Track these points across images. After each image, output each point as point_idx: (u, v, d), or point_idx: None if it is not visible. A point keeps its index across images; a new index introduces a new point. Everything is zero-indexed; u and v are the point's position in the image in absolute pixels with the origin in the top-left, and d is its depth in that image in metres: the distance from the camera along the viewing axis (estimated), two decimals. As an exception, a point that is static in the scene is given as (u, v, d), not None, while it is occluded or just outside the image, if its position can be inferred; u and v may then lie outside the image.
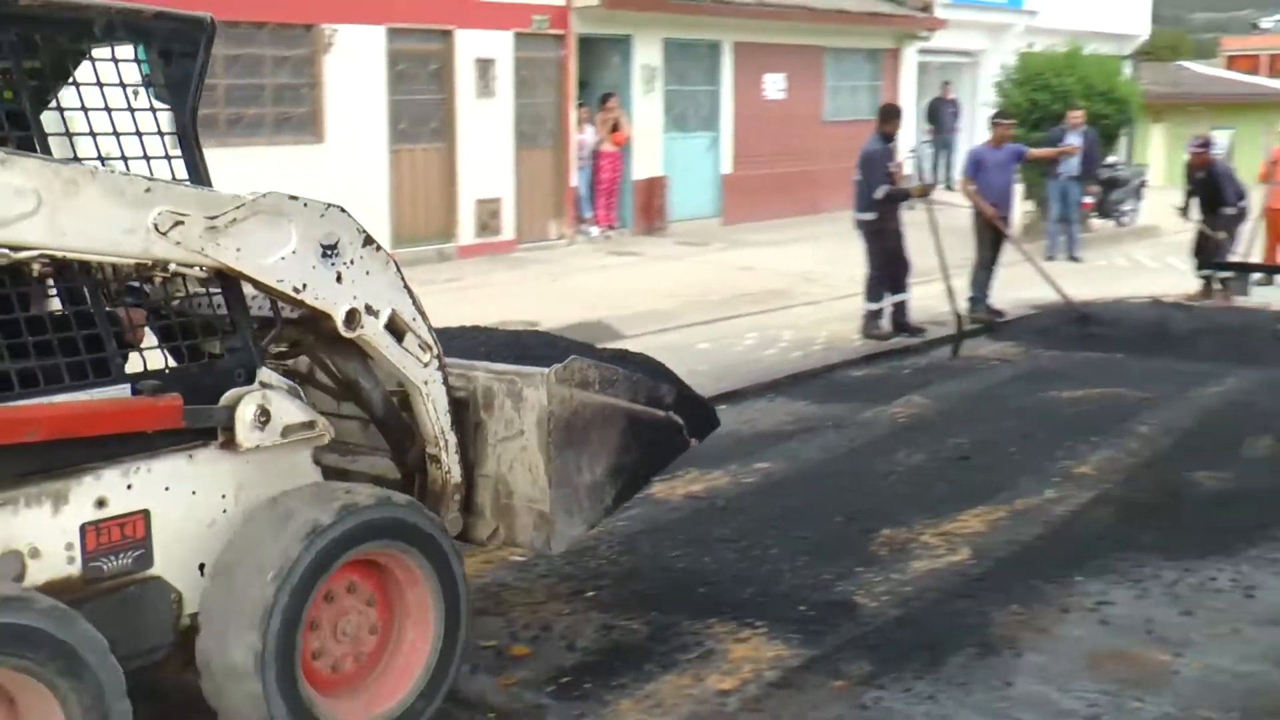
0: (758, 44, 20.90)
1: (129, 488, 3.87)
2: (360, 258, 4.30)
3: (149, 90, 4.13)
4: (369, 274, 4.33)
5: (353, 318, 4.30)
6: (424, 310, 4.58)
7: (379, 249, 4.40)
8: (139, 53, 4.11)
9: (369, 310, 4.34)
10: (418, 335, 4.52)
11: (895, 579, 6.10)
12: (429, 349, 4.57)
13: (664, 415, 5.18)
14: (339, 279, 4.23)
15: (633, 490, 5.22)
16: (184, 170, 4.14)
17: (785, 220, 20.70)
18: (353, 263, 4.27)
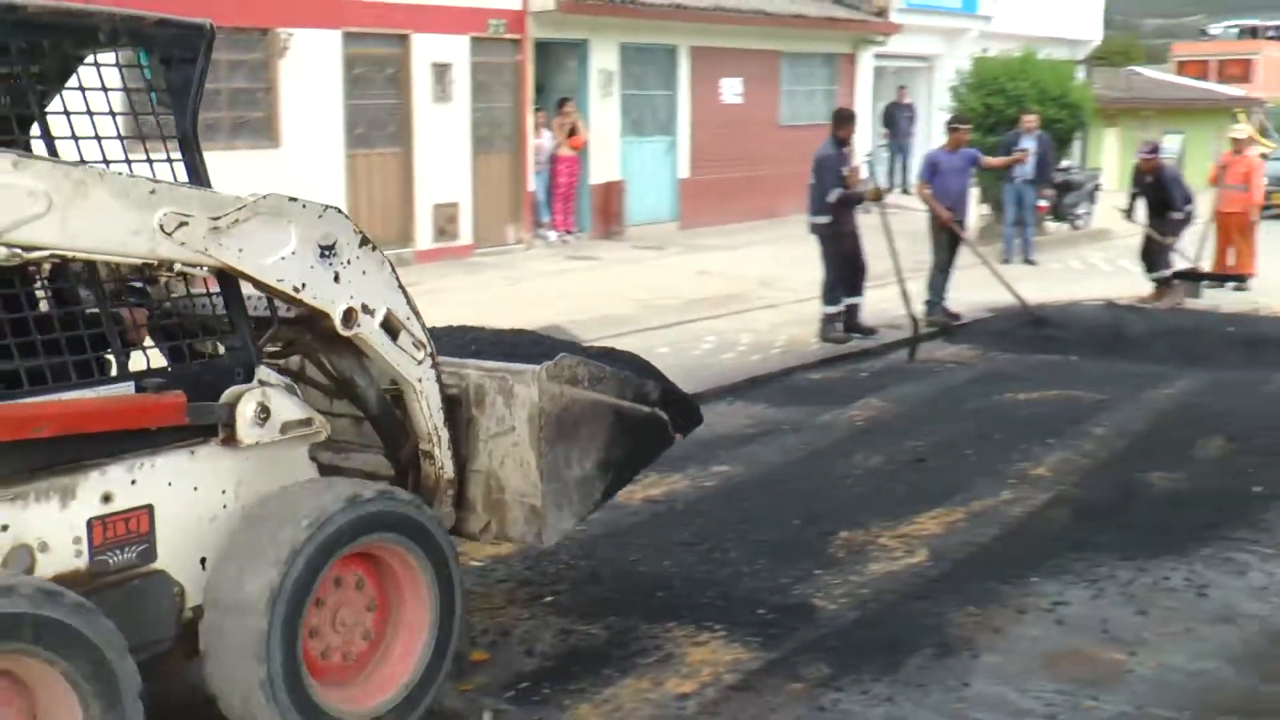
0: (714, 48, 20.95)
1: (133, 483, 3.94)
2: (357, 258, 4.38)
3: (150, 95, 4.22)
4: (365, 274, 4.42)
5: (350, 316, 4.38)
6: (417, 309, 4.66)
7: (375, 249, 4.48)
8: (140, 58, 4.20)
9: (365, 309, 4.42)
10: (412, 334, 4.59)
11: (853, 581, 6.13)
12: (423, 347, 4.64)
13: (650, 411, 5.27)
14: (336, 279, 4.31)
15: (620, 484, 5.31)
16: (184, 173, 4.21)
17: (743, 224, 20.75)
18: (349, 263, 4.35)
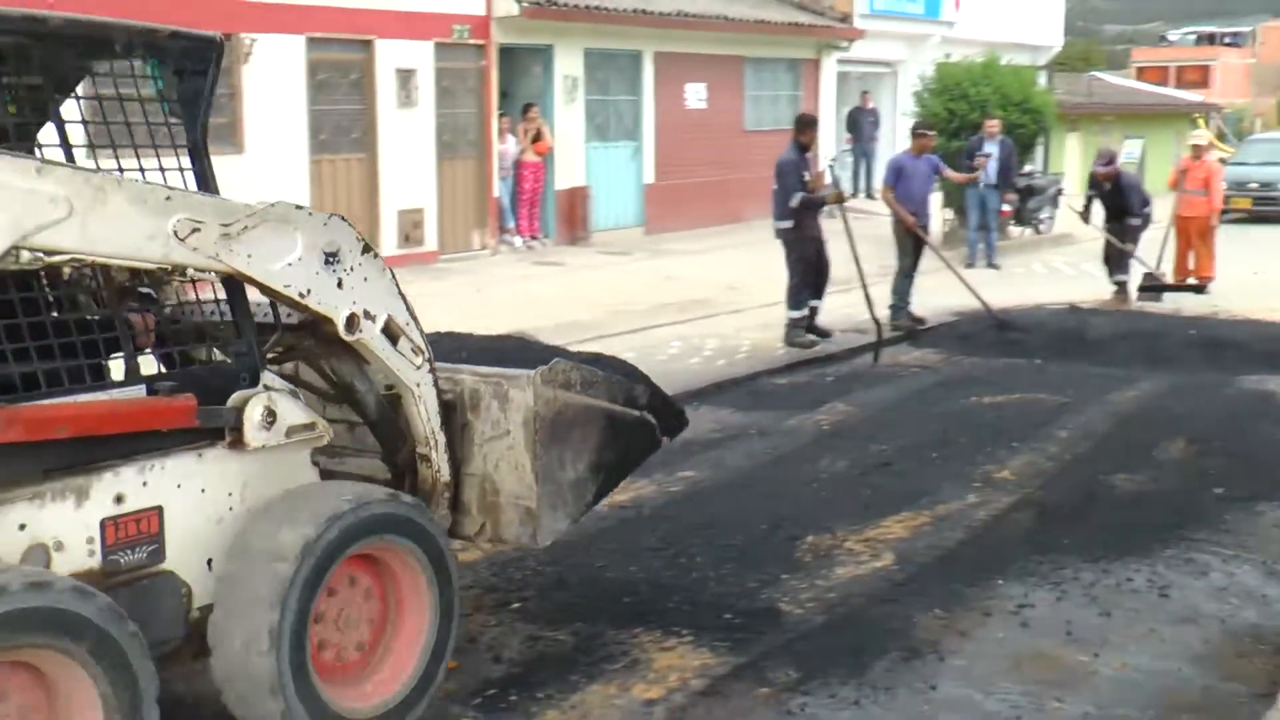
0: (678, 54, 20.99)
1: (144, 485, 4.02)
2: (359, 265, 4.47)
3: (162, 105, 4.31)
4: (367, 280, 4.50)
5: (352, 322, 4.47)
6: (416, 316, 4.74)
7: (376, 257, 4.56)
8: (153, 69, 4.28)
9: (367, 315, 4.51)
10: (411, 339, 4.69)
11: (820, 585, 6.14)
12: (421, 352, 4.74)
13: (639, 415, 5.37)
14: (340, 285, 4.40)
15: (611, 486, 5.39)
16: (194, 180, 4.30)
17: (708, 229, 20.79)
18: (352, 269, 4.44)
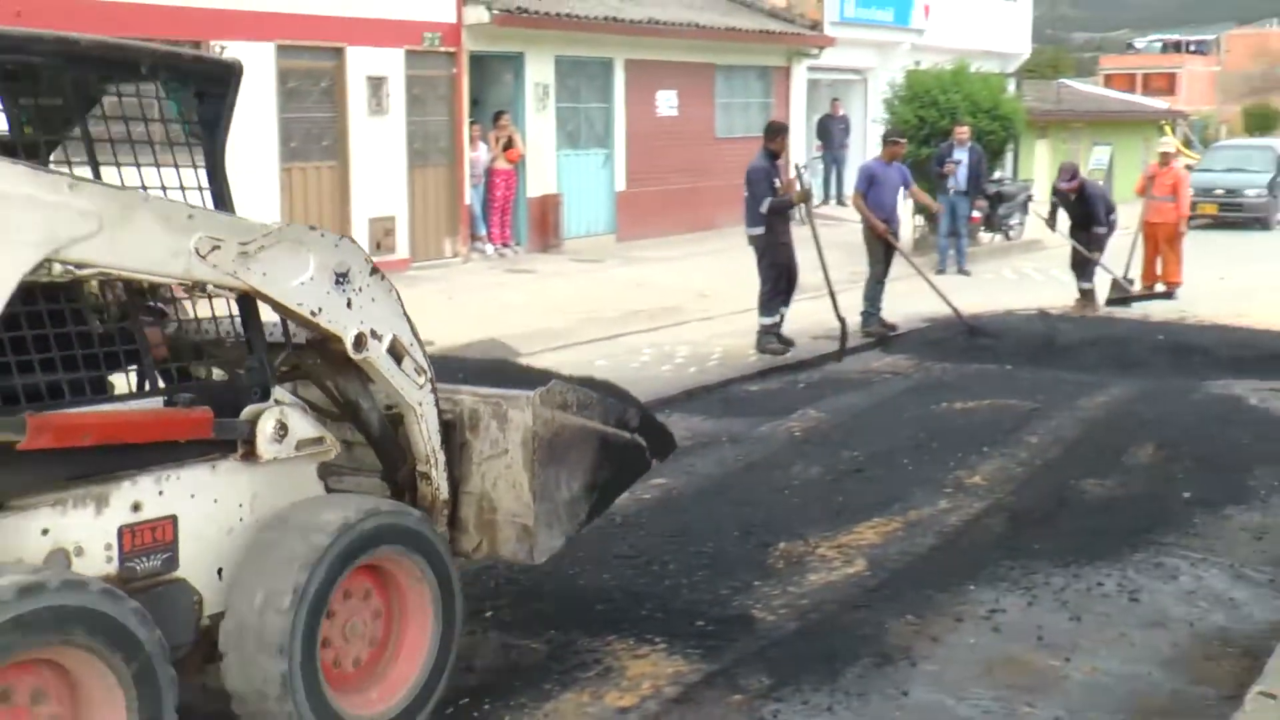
0: (649, 61, 21.01)
1: (160, 494, 4.13)
2: (368, 285, 4.58)
3: (183, 126, 4.45)
4: (374, 301, 4.61)
5: (360, 341, 4.58)
6: (419, 337, 4.84)
7: (383, 278, 4.68)
8: (174, 92, 4.42)
9: (374, 334, 4.62)
10: (414, 359, 4.79)
11: (792, 592, 6.15)
12: (423, 372, 4.84)
13: (631, 437, 5.48)
14: (349, 304, 4.52)
15: (604, 506, 5.48)
16: (211, 200, 4.42)
17: (679, 236, 20.81)
18: (361, 290, 4.55)
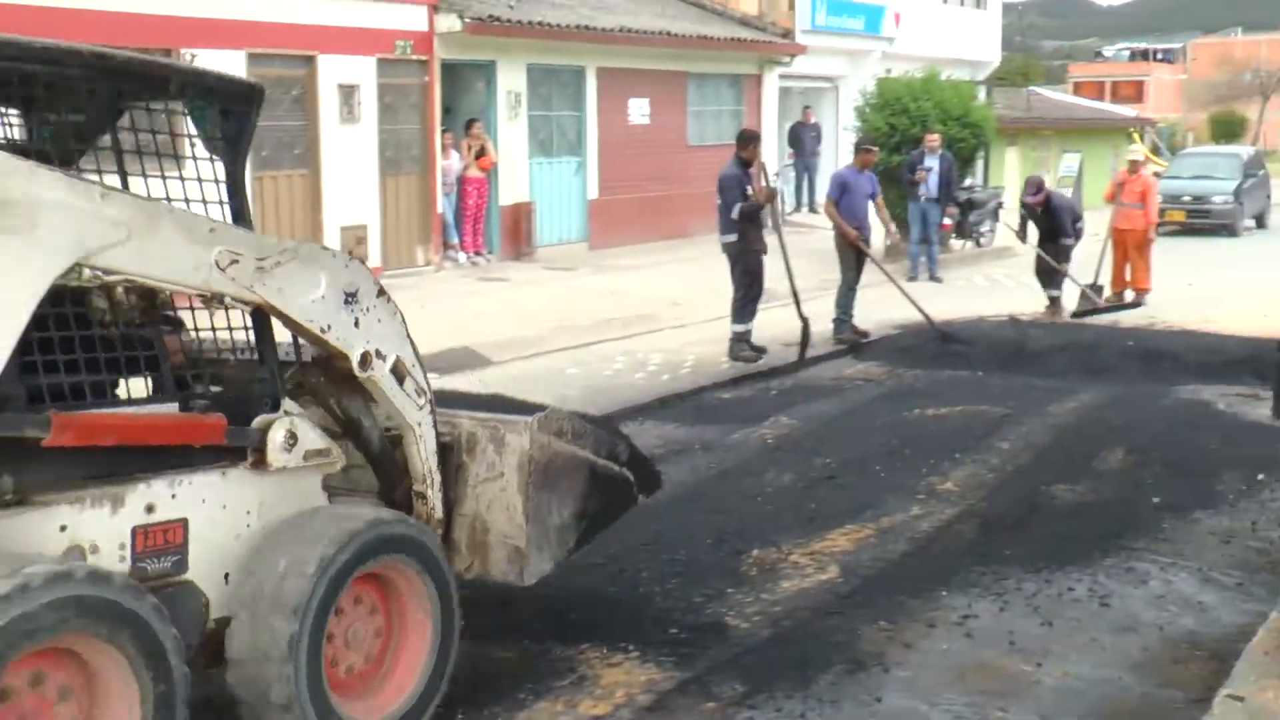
0: (621, 69, 21.04)
1: (173, 497, 4.22)
2: (375, 306, 4.71)
3: (207, 143, 4.57)
4: (380, 322, 4.74)
5: (366, 360, 4.70)
6: (421, 359, 4.96)
7: (389, 300, 4.81)
8: (199, 109, 4.52)
9: (379, 354, 4.75)
10: (416, 380, 4.91)
11: (765, 599, 6.16)
12: (424, 394, 4.96)
13: (620, 471, 5.62)
14: (356, 324, 4.64)
15: (591, 536, 5.53)
16: (230, 215, 4.55)
17: (652, 244, 20.83)
18: (368, 310, 4.68)
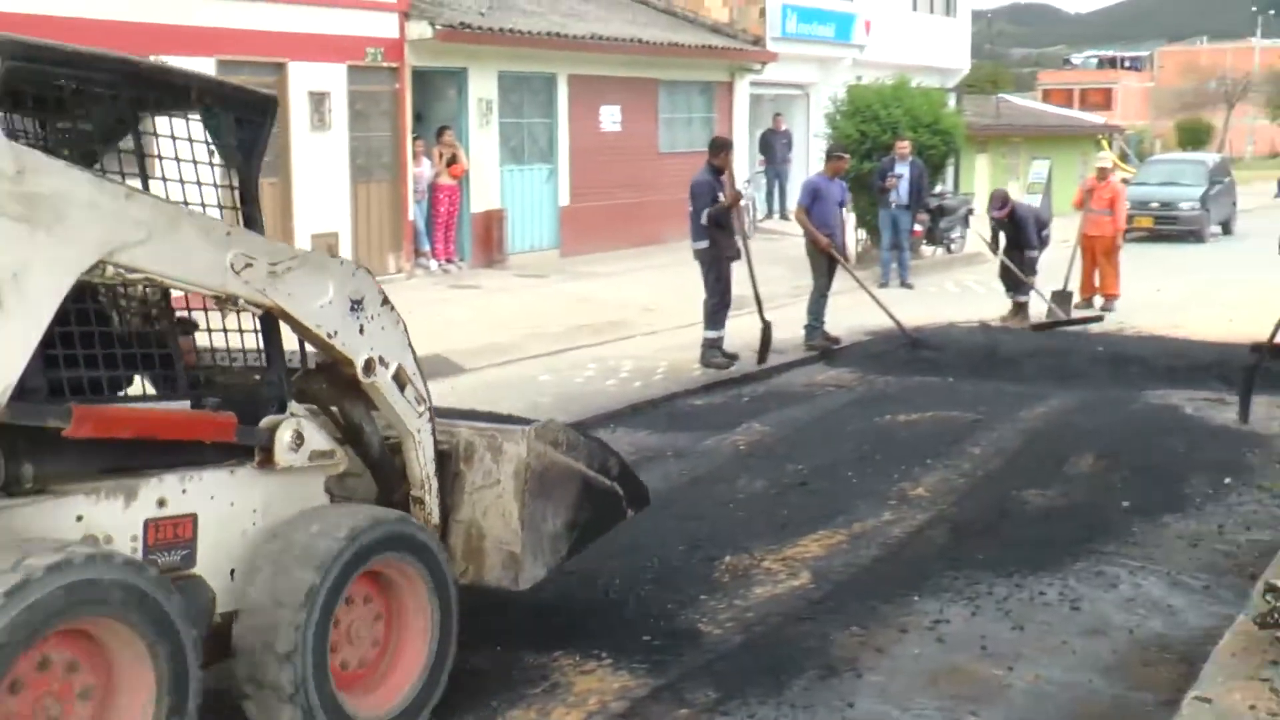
0: (593, 76, 21.06)
1: (183, 492, 4.32)
2: (379, 314, 4.84)
3: (222, 151, 4.68)
4: (384, 329, 4.87)
5: (370, 366, 4.82)
6: (421, 368, 5.08)
7: (393, 309, 4.94)
8: (215, 117, 4.62)
9: (382, 361, 4.87)
10: (416, 388, 5.03)
11: (738, 605, 6.16)
12: (423, 401, 5.08)
13: (611, 484, 5.71)
14: (361, 331, 4.77)
15: (581, 547, 5.61)
16: (243, 221, 4.64)
17: (624, 251, 20.84)
18: (373, 318, 4.81)
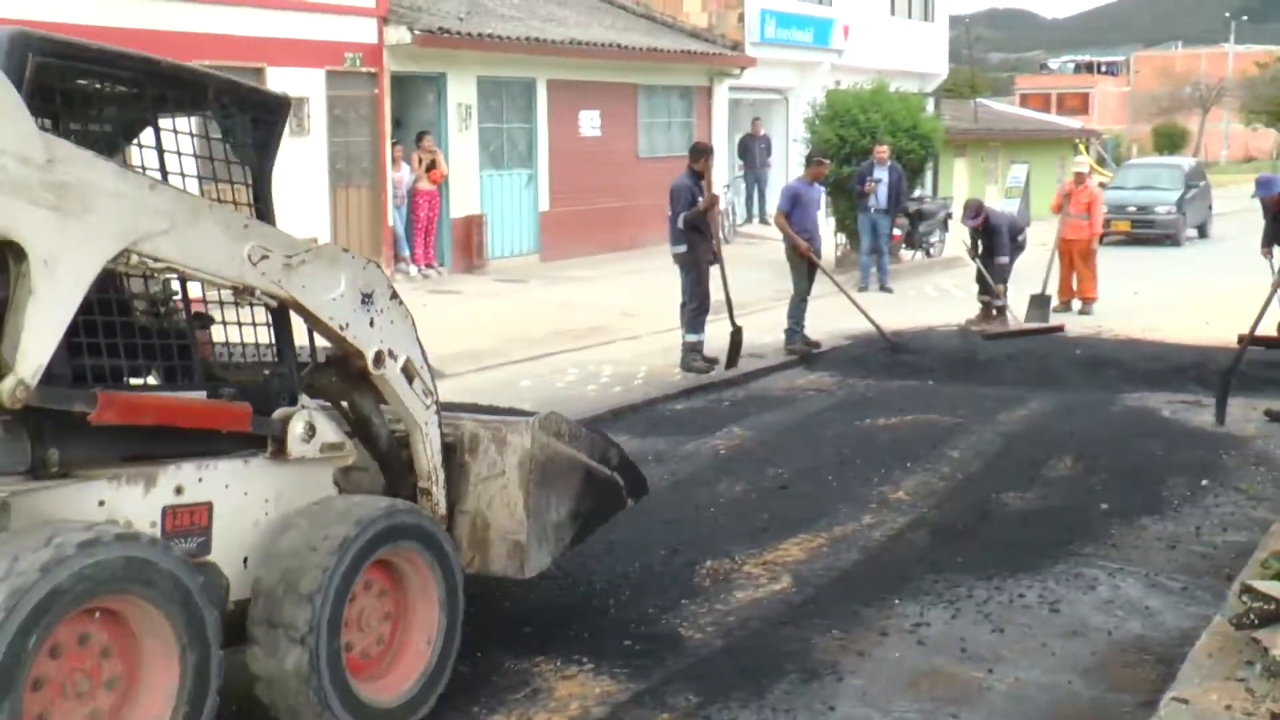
0: (572, 81, 21.08)
1: (200, 480, 4.42)
2: (388, 308, 4.99)
3: (237, 150, 4.81)
4: (393, 323, 5.01)
5: (379, 359, 4.95)
6: (429, 361, 5.20)
7: (401, 304, 5.08)
8: (230, 116, 4.73)
9: (391, 354, 5.00)
10: (423, 381, 5.17)
11: (719, 609, 6.17)
12: (430, 394, 5.22)
13: (611, 474, 5.89)
14: (372, 324, 4.91)
15: (583, 536, 5.78)
16: (257, 215, 4.76)
17: (604, 256, 20.86)
18: (382, 311, 4.96)
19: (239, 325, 4.83)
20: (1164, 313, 15.92)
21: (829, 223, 19.76)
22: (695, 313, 12.21)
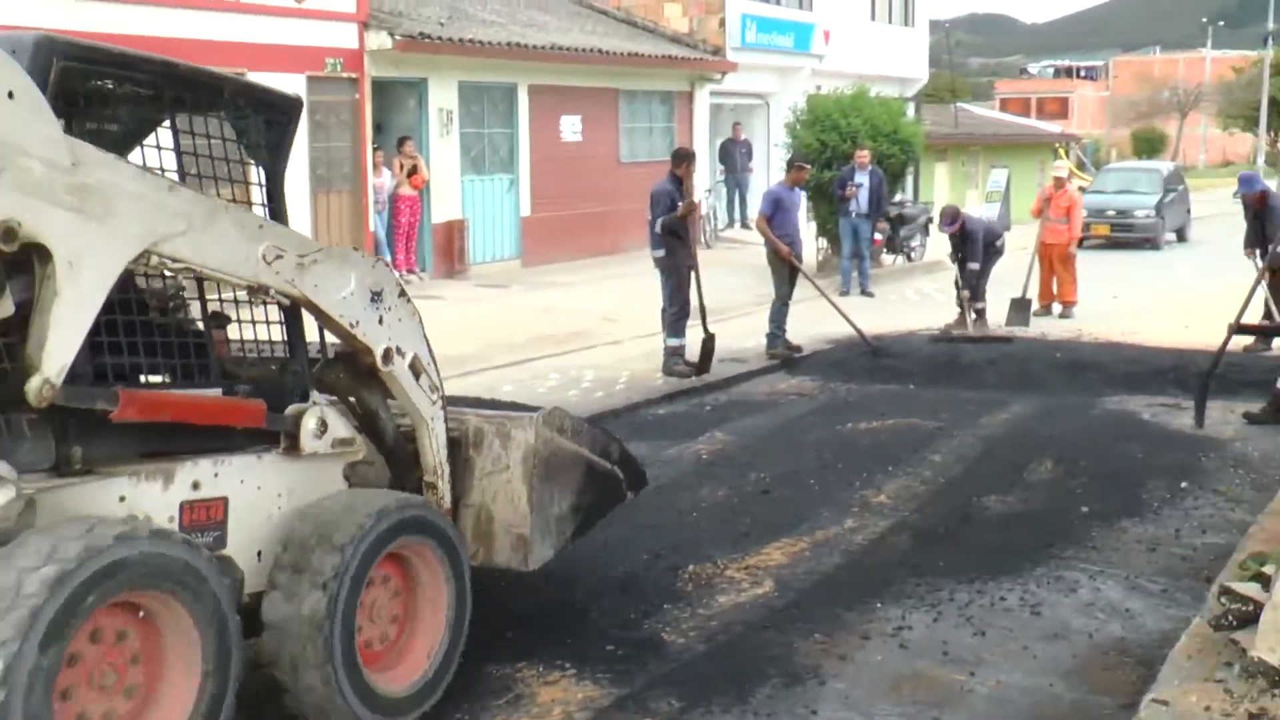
0: (553, 86, 21.08)
1: (215, 476, 4.51)
2: (396, 306, 5.10)
3: (251, 151, 4.90)
4: (401, 320, 5.13)
5: (388, 355, 5.07)
6: (435, 358, 5.33)
7: (409, 301, 5.18)
8: (245, 118, 4.82)
9: (399, 351, 5.12)
10: (430, 378, 5.30)
11: (701, 614, 6.18)
12: (437, 390, 5.34)
13: (611, 468, 6.02)
14: (381, 321, 5.02)
15: (585, 529, 5.92)
16: (270, 215, 4.85)
17: (585, 261, 20.86)
18: (391, 309, 5.07)
19: (253, 323, 4.91)
20: (1143, 316, 16.00)
21: (810, 227, 19.80)
22: (676, 317, 12.22)
